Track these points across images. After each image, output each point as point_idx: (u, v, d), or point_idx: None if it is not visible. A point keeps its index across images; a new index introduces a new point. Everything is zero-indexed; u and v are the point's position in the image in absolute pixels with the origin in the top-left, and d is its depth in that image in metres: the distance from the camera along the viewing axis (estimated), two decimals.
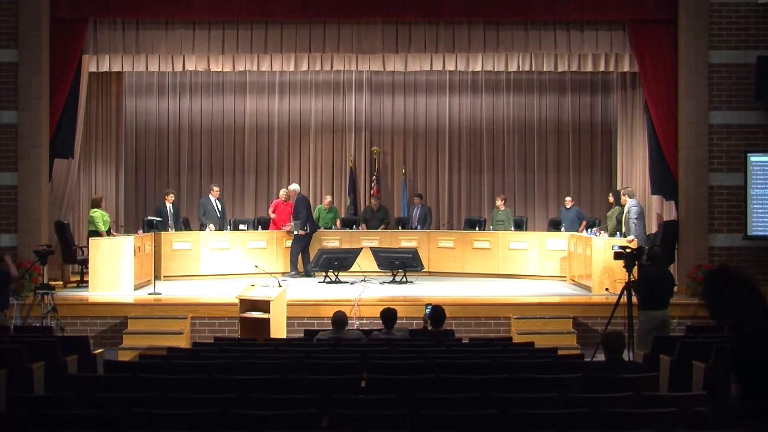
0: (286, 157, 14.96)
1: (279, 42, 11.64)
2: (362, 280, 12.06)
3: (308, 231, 12.60)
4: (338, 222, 13.99)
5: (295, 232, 12.52)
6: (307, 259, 12.63)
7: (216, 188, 13.17)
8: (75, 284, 11.78)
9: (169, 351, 6.93)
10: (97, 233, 11.49)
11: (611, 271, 10.63)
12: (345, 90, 14.92)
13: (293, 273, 12.46)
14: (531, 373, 5.65)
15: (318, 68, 12.52)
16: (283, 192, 13.61)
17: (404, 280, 12.12)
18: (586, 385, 5.31)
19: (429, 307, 7.98)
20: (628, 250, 8.45)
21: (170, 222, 12.62)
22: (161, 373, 5.70)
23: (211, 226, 12.78)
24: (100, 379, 6.05)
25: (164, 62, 12.03)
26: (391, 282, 12.06)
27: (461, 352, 6.62)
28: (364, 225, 13.84)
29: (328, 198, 14.10)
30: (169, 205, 12.67)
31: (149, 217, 12.16)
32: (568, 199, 13.42)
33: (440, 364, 5.88)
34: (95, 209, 11.72)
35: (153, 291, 10.78)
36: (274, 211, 13.47)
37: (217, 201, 13.07)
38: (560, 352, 6.88)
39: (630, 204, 11.13)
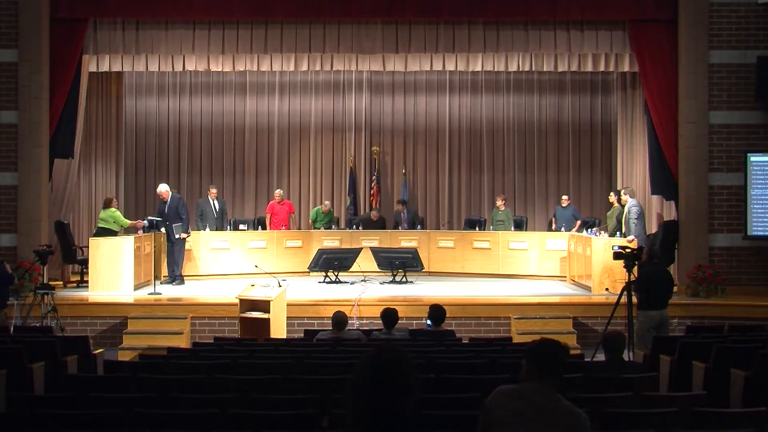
0: (286, 157, 14.96)
1: (279, 42, 11.64)
2: (362, 280, 12.05)
3: (188, 234, 11.79)
4: (333, 226, 13.86)
5: (177, 236, 11.50)
6: (175, 264, 11.77)
7: (214, 189, 13.13)
8: (75, 284, 11.78)
9: (169, 351, 6.93)
10: (111, 232, 11.54)
11: (611, 271, 10.63)
12: (345, 90, 14.91)
13: (179, 279, 11.67)
14: None
15: (318, 68, 12.53)
16: (278, 192, 13.61)
17: (404, 280, 12.12)
18: (586, 385, 5.31)
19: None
20: (628, 250, 8.45)
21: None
22: (161, 373, 5.70)
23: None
24: (100, 379, 6.05)
25: (164, 62, 12.03)
26: (391, 282, 12.06)
27: (461, 352, 6.61)
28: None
29: (327, 203, 14.06)
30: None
31: (150, 217, 12.14)
32: (564, 197, 13.38)
33: (440, 364, 5.87)
34: (107, 209, 11.74)
35: (153, 291, 10.79)
36: (270, 213, 13.45)
37: (215, 201, 13.04)
38: None
39: (630, 204, 11.12)
